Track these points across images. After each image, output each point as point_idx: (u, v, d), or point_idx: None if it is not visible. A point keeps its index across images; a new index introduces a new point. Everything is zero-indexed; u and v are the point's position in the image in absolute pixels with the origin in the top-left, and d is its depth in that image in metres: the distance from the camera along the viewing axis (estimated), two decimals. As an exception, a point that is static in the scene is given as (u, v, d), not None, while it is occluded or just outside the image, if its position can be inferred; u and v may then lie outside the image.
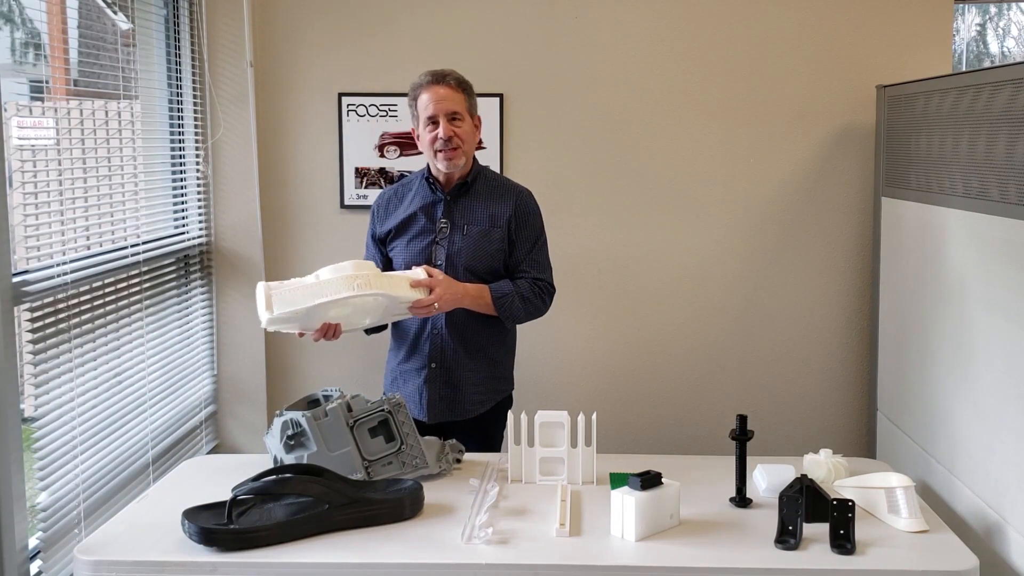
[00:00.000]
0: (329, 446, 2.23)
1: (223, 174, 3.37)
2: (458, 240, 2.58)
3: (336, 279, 2.32)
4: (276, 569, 1.91)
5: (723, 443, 2.41)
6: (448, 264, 2.57)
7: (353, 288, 2.30)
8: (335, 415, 2.25)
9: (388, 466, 2.26)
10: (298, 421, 2.24)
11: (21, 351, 2.20)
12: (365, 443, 2.26)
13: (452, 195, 2.61)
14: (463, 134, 2.55)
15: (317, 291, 2.31)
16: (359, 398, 2.31)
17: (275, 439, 2.26)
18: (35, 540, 2.26)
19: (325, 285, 2.31)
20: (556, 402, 3.02)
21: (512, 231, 2.61)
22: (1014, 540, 2.17)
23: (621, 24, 3.38)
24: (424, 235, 2.60)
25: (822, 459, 2.33)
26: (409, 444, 2.29)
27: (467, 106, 2.58)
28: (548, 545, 1.98)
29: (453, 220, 2.60)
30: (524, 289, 2.60)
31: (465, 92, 2.59)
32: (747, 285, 3.47)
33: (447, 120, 2.54)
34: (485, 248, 2.59)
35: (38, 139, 2.40)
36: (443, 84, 2.56)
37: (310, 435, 2.22)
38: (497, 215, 2.61)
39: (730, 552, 1.95)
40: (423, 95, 2.57)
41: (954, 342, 2.53)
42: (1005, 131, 2.27)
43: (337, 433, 2.24)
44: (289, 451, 2.24)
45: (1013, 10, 7.39)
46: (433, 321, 2.59)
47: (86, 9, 2.79)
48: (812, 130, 3.41)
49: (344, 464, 2.21)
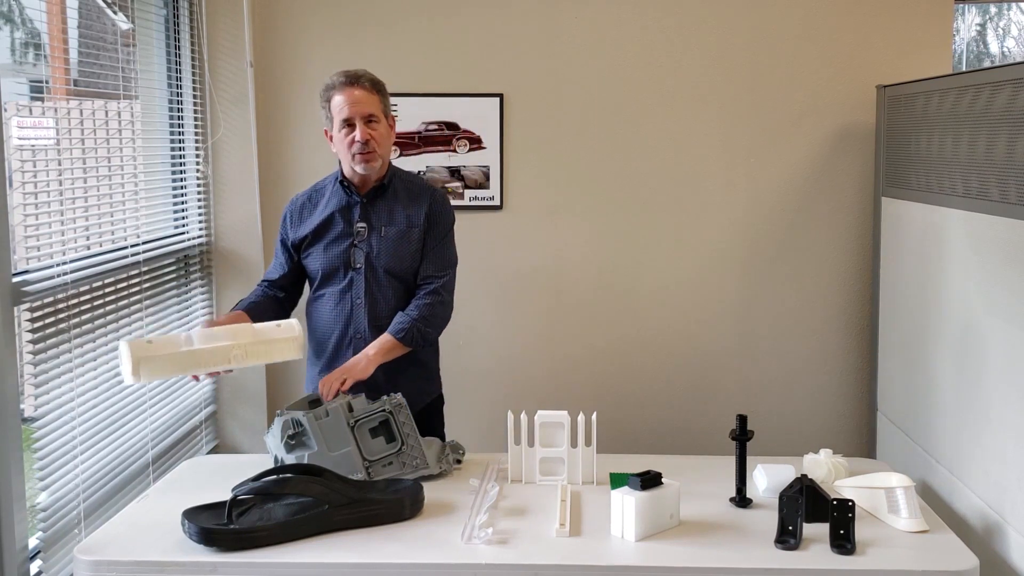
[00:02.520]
0: (330, 446, 2.22)
1: (223, 174, 3.36)
2: (376, 242, 2.55)
3: (211, 349, 2.22)
4: (276, 569, 1.91)
5: (723, 443, 2.41)
6: (367, 266, 2.54)
7: (228, 361, 2.22)
8: (336, 415, 2.24)
9: (388, 466, 2.26)
10: (299, 420, 2.24)
11: (21, 351, 2.20)
12: (366, 443, 2.26)
13: (368, 197, 2.57)
14: (379, 137, 2.51)
15: (190, 362, 2.22)
16: (361, 398, 2.31)
17: (276, 438, 2.26)
18: (35, 540, 2.26)
19: (199, 355, 2.22)
20: (556, 402, 3.01)
21: (425, 232, 2.57)
22: (1014, 540, 2.17)
23: (621, 24, 3.38)
24: (341, 239, 2.56)
25: (822, 459, 2.33)
26: (410, 444, 2.28)
27: (382, 108, 2.53)
28: (548, 545, 1.98)
29: (370, 222, 2.56)
30: (421, 313, 2.51)
31: (380, 93, 2.54)
32: (747, 285, 3.47)
33: (363, 123, 2.49)
34: (404, 249, 2.55)
35: (38, 139, 2.40)
36: (358, 86, 2.50)
37: (311, 434, 2.22)
38: (414, 216, 2.57)
39: (730, 552, 1.95)
40: (337, 97, 2.51)
41: (954, 342, 2.53)
42: (1005, 131, 2.27)
43: (338, 433, 2.24)
44: (290, 451, 2.24)
45: (1013, 10, 7.39)
46: (355, 327, 2.56)
47: (86, 9, 2.79)
48: (812, 130, 3.41)
49: (345, 464, 2.21)
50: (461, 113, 3.41)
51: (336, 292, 2.58)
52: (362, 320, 2.55)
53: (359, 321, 2.56)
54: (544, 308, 3.50)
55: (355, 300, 2.55)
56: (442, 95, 3.41)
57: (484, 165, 3.44)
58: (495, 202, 3.44)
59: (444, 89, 3.41)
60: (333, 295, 2.58)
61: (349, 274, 2.56)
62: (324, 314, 2.60)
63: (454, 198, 3.43)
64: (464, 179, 3.44)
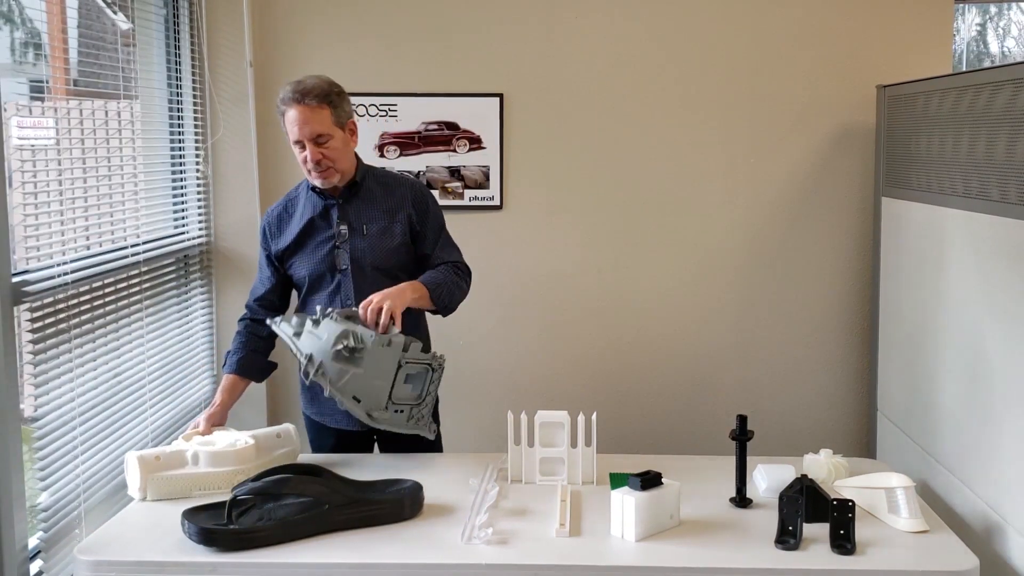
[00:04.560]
0: (373, 373, 2.24)
1: (223, 174, 3.36)
2: (359, 242, 2.53)
3: (215, 474, 2.27)
4: (276, 569, 1.92)
5: (723, 443, 2.41)
6: (354, 267, 2.53)
7: (232, 484, 2.21)
8: (396, 348, 2.26)
9: (398, 414, 2.29)
10: (363, 338, 2.24)
11: (21, 351, 2.20)
12: (399, 385, 2.28)
13: (344, 198, 2.55)
14: (332, 153, 2.45)
15: (196, 484, 2.26)
16: (417, 342, 2.33)
17: (320, 340, 2.25)
18: (35, 540, 2.26)
19: (206, 478, 2.26)
20: (556, 402, 3.01)
21: (415, 223, 2.56)
22: (1014, 540, 2.17)
23: (621, 24, 3.38)
24: (324, 243, 2.54)
25: (822, 459, 2.33)
26: (427, 403, 2.32)
27: (334, 120, 2.45)
28: (548, 545, 1.98)
29: (350, 223, 2.54)
30: (450, 276, 2.53)
31: (331, 105, 2.45)
32: (747, 285, 3.47)
33: (312, 144, 2.43)
34: (388, 244, 2.54)
35: (38, 139, 2.40)
36: (303, 104, 2.42)
37: (366, 355, 2.23)
38: (394, 209, 2.55)
39: (730, 552, 1.95)
40: (288, 113, 2.45)
41: (954, 342, 2.53)
42: (1005, 131, 2.27)
43: (385, 364, 2.25)
44: (337, 359, 2.23)
45: (1013, 10, 7.39)
46: None
47: (86, 9, 2.79)
48: (812, 130, 3.41)
49: (372, 394, 2.24)
50: (461, 113, 3.41)
51: (325, 296, 2.56)
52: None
53: None
54: (544, 308, 3.50)
55: (345, 302, 2.54)
56: (442, 95, 3.41)
57: (484, 165, 3.44)
58: (495, 202, 3.44)
59: (444, 89, 3.41)
60: (322, 299, 2.56)
61: (336, 277, 2.54)
62: None
63: (454, 198, 3.43)
64: (464, 179, 3.44)
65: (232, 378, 2.59)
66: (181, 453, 2.30)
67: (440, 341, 2.71)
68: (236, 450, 2.31)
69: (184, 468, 2.28)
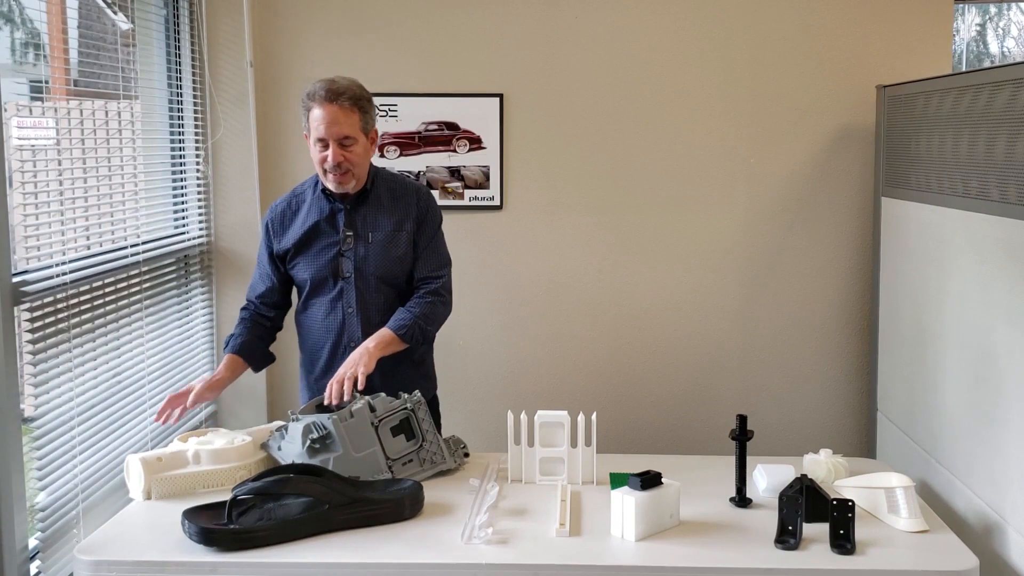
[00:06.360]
0: (355, 447, 2.22)
1: (223, 174, 3.37)
2: (363, 249, 2.51)
3: (218, 471, 2.28)
4: (276, 569, 1.92)
5: (723, 443, 2.41)
6: (357, 274, 2.51)
7: (235, 480, 2.24)
8: (361, 416, 2.24)
9: (408, 464, 2.27)
10: (323, 424, 2.22)
11: (21, 351, 2.20)
12: (388, 442, 2.26)
13: (352, 204, 2.53)
14: (354, 157, 2.43)
15: (200, 481, 2.27)
16: (381, 397, 2.30)
17: (294, 444, 2.24)
18: (35, 540, 2.26)
19: (206, 476, 2.27)
20: (556, 402, 3.01)
21: (415, 235, 2.55)
22: (1014, 540, 2.17)
23: (621, 24, 3.38)
24: (328, 248, 2.53)
25: (822, 459, 2.33)
26: (429, 441, 2.31)
27: (361, 126, 2.44)
28: (548, 545, 1.98)
29: (356, 230, 2.52)
30: (423, 311, 2.50)
31: (361, 111, 2.43)
32: (747, 285, 3.47)
33: (337, 145, 2.40)
34: (392, 253, 2.52)
35: (38, 139, 2.40)
36: (337, 104, 2.39)
37: (336, 438, 2.21)
38: (402, 218, 2.53)
39: (730, 552, 1.95)
40: (316, 111, 2.41)
41: (954, 342, 2.53)
42: (1005, 131, 2.27)
43: (363, 434, 2.23)
44: (313, 455, 2.21)
45: (1013, 10, 7.39)
46: (349, 335, 2.54)
47: (86, 9, 2.79)
48: (812, 130, 3.41)
49: (369, 464, 2.21)
50: (461, 113, 3.41)
51: (326, 302, 2.56)
52: (355, 329, 2.54)
53: (352, 330, 2.54)
54: (544, 308, 3.50)
55: (346, 309, 2.54)
56: (442, 95, 3.41)
57: (484, 165, 3.44)
58: (495, 202, 3.44)
59: (444, 89, 3.41)
60: (323, 304, 2.56)
61: (339, 284, 2.54)
62: (315, 324, 2.59)
63: (454, 198, 3.43)
64: (464, 179, 3.44)
65: (233, 357, 2.58)
66: (182, 453, 2.31)
67: (440, 341, 2.71)
68: (236, 447, 2.32)
69: (186, 467, 2.29)
